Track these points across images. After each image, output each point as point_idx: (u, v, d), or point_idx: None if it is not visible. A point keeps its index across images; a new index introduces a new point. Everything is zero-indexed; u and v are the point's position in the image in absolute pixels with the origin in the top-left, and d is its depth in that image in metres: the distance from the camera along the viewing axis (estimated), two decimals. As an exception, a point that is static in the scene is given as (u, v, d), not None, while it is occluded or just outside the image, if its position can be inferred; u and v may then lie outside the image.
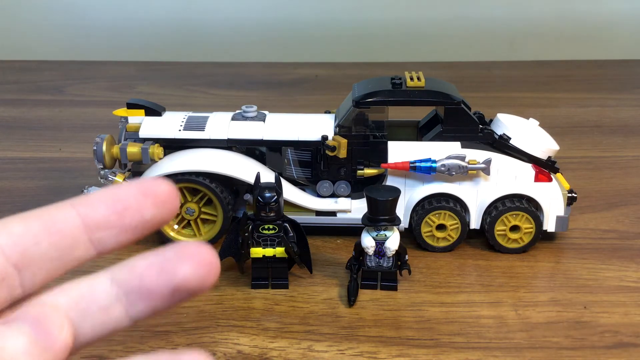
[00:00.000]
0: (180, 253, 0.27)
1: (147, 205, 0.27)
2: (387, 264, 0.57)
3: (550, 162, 0.64)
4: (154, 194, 0.27)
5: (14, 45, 1.35)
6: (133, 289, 0.27)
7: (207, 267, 0.27)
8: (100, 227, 0.27)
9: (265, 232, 0.56)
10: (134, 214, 0.27)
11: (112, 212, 0.27)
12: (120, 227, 0.27)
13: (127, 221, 0.27)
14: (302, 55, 1.30)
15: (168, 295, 0.27)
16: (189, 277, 0.26)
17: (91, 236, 0.27)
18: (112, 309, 0.27)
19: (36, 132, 0.94)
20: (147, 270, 0.27)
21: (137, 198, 0.27)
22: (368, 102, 0.63)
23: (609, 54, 1.31)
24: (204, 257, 0.27)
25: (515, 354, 0.50)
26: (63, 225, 0.26)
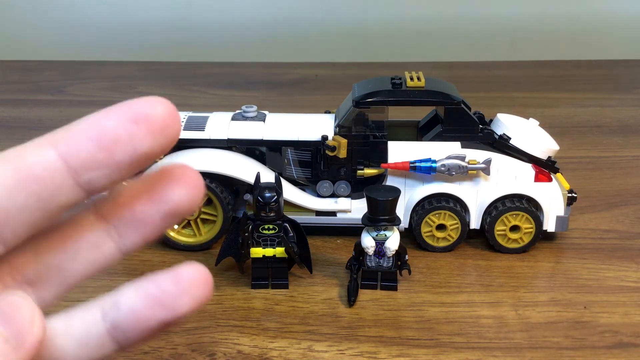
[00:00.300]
0: (168, 175, 0.25)
1: (141, 135, 0.23)
2: (387, 264, 0.57)
3: (550, 162, 0.64)
4: (147, 120, 0.23)
5: (14, 45, 1.35)
6: (123, 219, 0.25)
7: (197, 188, 0.25)
8: (87, 168, 0.23)
9: (265, 232, 0.56)
10: (125, 147, 0.23)
11: (100, 149, 0.23)
12: (110, 165, 0.23)
13: (118, 157, 0.23)
14: (302, 55, 1.30)
15: (160, 221, 0.25)
16: (182, 201, 0.25)
17: (77, 179, 0.23)
18: (102, 244, 0.25)
19: (36, 132, 0.93)
20: (136, 198, 0.25)
21: (127, 127, 0.23)
22: (368, 102, 0.63)
23: (609, 54, 1.31)
24: (191, 176, 0.25)
25: (515, 354, 0.50)
26: (41, 170, 0.22)
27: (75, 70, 1.24)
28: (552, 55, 1.31)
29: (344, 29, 1.34)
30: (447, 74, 1.15)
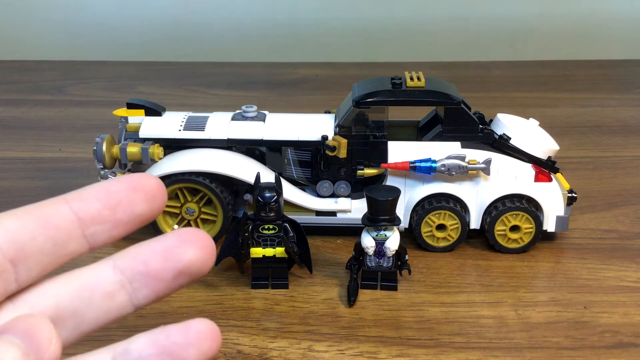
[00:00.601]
0: (183, 239, 0.28)
1: (138, 200, 0.27)
2: (387, 264, 0.57)
3: (550, 162, 0.64)
4: (144, 189, 0.28)
5: (14, 45, 1.35)
6: (137, 275, 0.27)
7: (208, 251, 0.28)
8: (93, 222, 0.27)
9: (265, 232, 0.56)
10: (125, 208, 0.27)
11: (105, 207, 0.27)
12: (112, 221, 0.27)
13: (119, 216, 0.27)
14: (302, 55, 1.30)
15: (171, 280, 0.28)
16: (193, 261, 0.27)
17: (85, 231, 0.27)
18: (116, 295, 0.27)
19: (36, 132, 0.94)
20: (152, 256, 0.27)
21: (128, 193, 0.27)
22: (368, 102, 0.63)
23: (609, 54, 1.31)
24: (204, 242, 0.28)
25: (515, 354, 0.50)
26: (57, 220, 0.27)
27: (75, 70, 1.24)
28: (552, 55, 1.31)
29: (344, 29, 1.34)
30: (447, 74, 1.15)
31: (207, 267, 0.28)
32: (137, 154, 0.64)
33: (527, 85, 1.15)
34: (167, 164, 0.63)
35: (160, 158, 0.64)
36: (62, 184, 0.77)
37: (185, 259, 0.27)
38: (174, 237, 0.28)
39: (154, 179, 0.28)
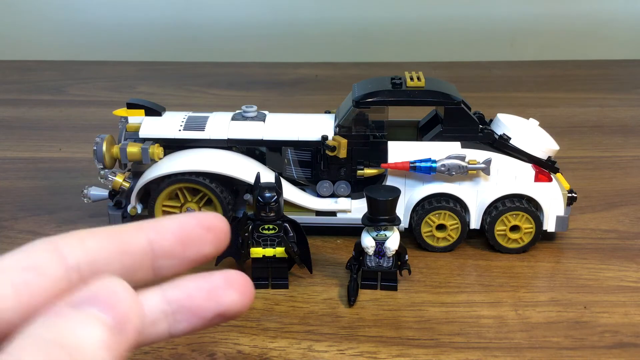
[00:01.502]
0: (227, 281, 0.28)
1: (208, 240, 0.28)
2: (387, 264, 0.57)
3: (550, 162, 0.64)
4: (215, 231, 0.28)
5: (14, 45, 1.35)
6: (182, 308, 0.28)
7: (248, 296, 0.29)
8: (164, 256, 0.28)
9: (265, 232, 0.56)
10: (195, 247, 0.28)
11: (178, 243, 0.28)
12: (181, 258, 0.28)
13: (188, 254, 0.28)
14: (302, 55, 1.30)
15: (210, 318, 0.28)
16: (233, 304, 0.28)
17: (154, 262, 0.27)
18: (159, 323, 0.28)
19: (36, 132, 0.94)
20: (197, 292, 0.28)
21: (200, 232, 0.28)
22: (368, 102, 0.63)
23: (609, 54, 1.31)
24: (246, 286, 0.29)
25: (515, 354, 0.50)
26: (134, 248, 0.27)
27: (75, 70, 1.24)
28: (552, 55, 1.31)
29: (344, 29, 1.34)
30: (447, 74, 1.15)
31: (244, 310, 0.29)
32: (137, 154, 0.64)
33: (527, 85, 1.15)
34: (167, 164, 0.63)
35: (160, 158, 0.64)
36: (62, 184, 0.77)
37: (226, 302, 0.28)
38: (221, 278, 0.28)
39: (224, 222, 0.29)
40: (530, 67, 1.25)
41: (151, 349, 0.50)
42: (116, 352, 0.23)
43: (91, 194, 0.66)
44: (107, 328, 0.23)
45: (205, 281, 0.28)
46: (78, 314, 0.23)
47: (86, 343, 0.22)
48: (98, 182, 0.66)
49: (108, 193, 0.66)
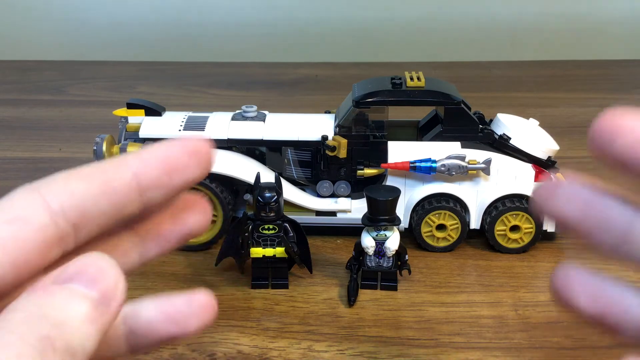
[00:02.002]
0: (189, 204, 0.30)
1: (192, 165, 0.28)
2: (387, 264, 0.57)
3: (550, 162, 0.64)
4: (199, 154, 0.28)
5: (14, 45, 1.35)
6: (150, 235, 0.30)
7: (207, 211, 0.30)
8: (152, 188, 0.27)
9: (265, 232, 0.56)
10: (181, 174, 0.28)
11: (164, 173, 0.27)
12: (168, 186, 0.28)
13: (174, 182, 0.28)
14: (302, 55, 1.30)
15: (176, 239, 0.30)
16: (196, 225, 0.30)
17: (142, 195, 0.27)
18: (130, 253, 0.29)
19: (36, 132, 0.94)
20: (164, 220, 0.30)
21: (184, 158, 0.28)
22: (368, 102, 0.63)
23: (609, 54, 1.31)
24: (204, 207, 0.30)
25: (515, 354, 0.50)
26: (120, 184, 0.27)
27: (75, 70, 1.24)
28: (552, 55, 1.31)
29: (344, 29, 1.34)
30: (447, 74, 1.15)
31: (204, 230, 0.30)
32: (137, 154, 0.63)
33: (527, 85, 1.15)
34: (167, 164, 0.63)
35: (160, 158, 0.64)
36: (62, 184, 0.77)
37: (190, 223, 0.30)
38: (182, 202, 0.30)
39: (207, 144, 0.29)
40: (530, 67, 1.25)
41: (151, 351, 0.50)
42: (101, 326, 0.24)
43: (91, 194, 0.66)
44: (91, 303, 0.23)
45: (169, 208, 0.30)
46: (62, 290, 0.23)
47: (70, 317, 0.23)
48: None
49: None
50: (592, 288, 0.31)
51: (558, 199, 0.30)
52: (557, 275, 0.31)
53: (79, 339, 0.23)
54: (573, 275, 0.31)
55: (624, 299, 0.31)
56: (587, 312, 0.31)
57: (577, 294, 0.31)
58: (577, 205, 0.30)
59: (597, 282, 0.31)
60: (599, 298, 0.31)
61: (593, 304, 0.31)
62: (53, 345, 0.22)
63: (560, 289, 0.31)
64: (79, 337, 0.23)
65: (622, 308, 0.31)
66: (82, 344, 0.23)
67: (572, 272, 0.31)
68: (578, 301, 0.31)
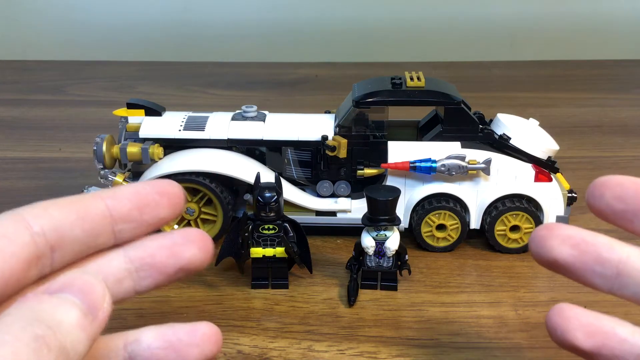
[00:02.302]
0: (186, 237, 0.31)
1: (163, 204, 0.30)
2: (387, 264, 0.57)
3: (550, 162, 0.64)
4: (168, 195, 0.30)
5: (14, 45, 1.35)
6: (145, 265, 0.30)
7: (207, 251, 0.31)
8: (123, 220, 0.30)
9: (265, 232, 0.56)
10: (151, 211, 0.30)
11: (135, 207, 0.30)
12: (139, 221, 0.30)
13: (145, 217, 0.30)
14: (302, 55, 1.30)
15: (173, 274, 0.31)
16: (193, 259, 0.31)
17: (114, 227, 0.29)
18: (123, 281, 0.30)
19: (36, 132, 0.94)
20: (159, 250, 0.31)
21: (155, 197, 0.30)
22: (368, 102, 0.63)
23: (609, 54, 1.31)
24: (205, 242, 0.31)
25: (515, 354, 0.50)
26: (94, 214, 0.29)
27: (75, 70, 1.24)
28: (552, 55, 1.31)
29: (344, 29, 1.34)
30: (447, 74, 1.15)
31: (204, 265, 0.31)
32: (137, 154, 0.64)
33: (527, 85, 1.15)
34: (167, 164, 0.63)
35: (160, 158, 0.64)
36: (62, 184, 0.77)
37: (187, 257, 0.30)
38: (180, 235, 0.31)
39: (177, 187, 0.31)
40: (530, 67, 1.25)
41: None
42: (90, 334, 0.25)
43: (91, 194, 0.66)
44: (80, 311, 0.25)
45: (166, 239, 0.31)
46: (54, 298, 0.25)
47: (64, 322, 0.24)
48: (98, 182, 0.66)
49: (108, 193, 0.66)
50: (587, 323, 0.32)
51: (552, 242, 0.32)
52: (553, 313, 0.33)
53: (71, 341, 0.24)
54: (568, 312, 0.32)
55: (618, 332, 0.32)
56: (584, 347, 0.32)
57: (573, 329, 0.32)
58: (570, 247, 0.32)
59: (591, 317, 0.32)
60: (595, 332, 0.32)
61: (589, 338, 0.32)
62: (47, 344, 0.23)
63: (556, 326, 0.33)
64: (71, 340, 0.24)
65: (618, 339, 0.32)
66: (75, 347, 0.24)
67: (567, 308, 0.32)
68: (575, 337, 0.32)
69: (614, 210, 0.33)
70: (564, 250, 0.32)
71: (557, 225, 0.33)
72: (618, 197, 0.32)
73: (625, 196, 0.32)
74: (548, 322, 0.33)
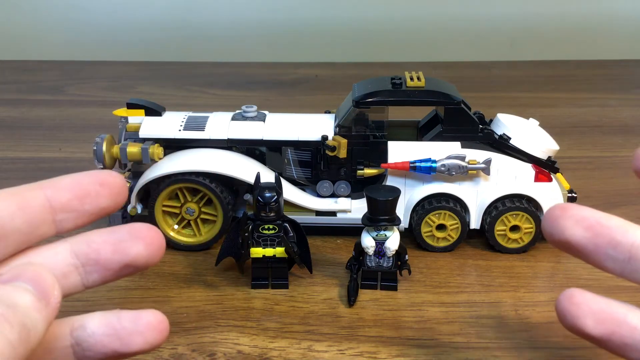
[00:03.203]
0: (133, 233, 0.30)
1: (104, 194, 0.30)
2: (387, 264, 0.57)
3: (550, 162, 0.64)
4: (109, 185, 0.30)
5: (14, 45, 1.35)
6: (90, 261, 0.30)
7: (156, 248, 0.31)
8: (63, 210, 0.30)
9: (265, 232, 0.56)
10: (92, 201, 0.30)
11: (74, 197, 0.30)
12: (80, 211, 0.30)
13: (86, 207, 0.30)
14: (302, 55, 1.30)
15: (119, 270, 0.30)
16: (139, 256, 0.30)
17: (54, 217, 0.30)
18: (70, 275, 0.30)
19: (36, 132, 0.94)
20: (103, 246, 0.30)
21: (96, 187, 0.30)
22: (368, 102, 0.63)
23: (609, 54, 1.31)
24: (153, 238, 0.31)
25: (515, 354, 0.50)
26: (34, 204, 0.29)
27: (75, 70, 1.24)
28: (552, 55, 1.31)
29: (344, 29, 1.34)
30: (447, 74, 1.15)
31: (153, 262, 0.31)
32: (137, 154, 0.64)
33: (527, 85, 1.15)
34: (167, 164, 0.63)
35: (160, 158, 0.64)
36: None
37: (132, 253, 0.30)
38: (125, 231, 0.31)
39: (119, 177, 0.31)
40: (530, 67, 1.26)
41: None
42: (45, 316, 0.26)
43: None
44: (33, 296, 0.26)
45: (111, 234, 0.31)
46: (7, 284, 0.26)
47: (20, 304, 0.25)
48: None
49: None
50: (598, 309, 0.32)
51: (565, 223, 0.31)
52: (563, 298, 0.32)
53: (30, 320, 0.25)
54: (578, 298, 0.31)
55: (630, 319, 0.31)
56: (594, 334, 0.32)
57: (583, 316, 0.32)
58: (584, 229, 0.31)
59: (602, 304, 0.31)
60: (606, 319, 0.32)
61: (600, 325, 0.32)
62: (9, 321, 0.24)
63: (566, 311, 0.32)
64: (30, 319, 0.25)
65: (629, 327, 0.31)
66: (34, 325, 0.25)
67: (578, 294, 0.32)
68: (584, 323, 0.32)
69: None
70: (577, 232, 0.32)
71: (572, 205, 0.32)
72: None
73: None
74: (558, 308, 0.32)
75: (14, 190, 0.29)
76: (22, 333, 0.24)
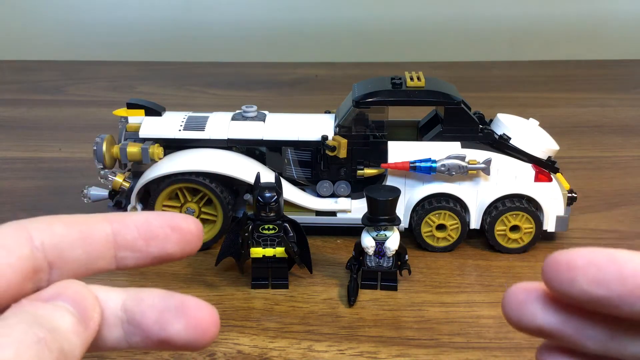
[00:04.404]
0: (181, 307, 0.27)
1: (172, 239, 0.29)
2: (387, 264, 0.57)
3: (550, 162, 0.64)
4: (181, 231, 0.29)
5: (14, 45, 1.35)
6: (133, 322, 0.28)
7: (200, 330, 0.27)
8: (126, 248, 0.28)
9: (265, 232, 0.56)
10: (158, 244, 0.29)
11: (141, 237, 0.28)
12: (143, 252, 0.29)
13: (151, 249, 0.29)
14: (302, 55, 1.30)
15: (155, 342, 0.27)
16: (177, 336, 0.27)
17: (117, 253, 0.28)
18: (113, 328, 0.28)
19: (36, 132, 0.94)
20: (149, 311, 0.27)
21: (165, 231, 0.28)
22: (368, 102, 0.63)
23: (609, 54, 1.31)
24: (202, 319, 0.27)
25: (515, 354, 0.50)
26: (98, 237, 0.28)
27: (75, 70, 1.24)
28: (552, 55, 1.31)
29: (344, 29, 1.34)
30: (447, 74, 1.15)
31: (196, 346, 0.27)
32: (137, 154, 0.64)
33: (527, 85, 1.15)
34: (167, 164, 0.63)
35: (160, 158, 0.64)
36: (62, 184, 0.77)
37: (170, 331, 0.27)
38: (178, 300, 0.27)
39: (194, 225, 0.29)
40: (530, 67, 1.26)
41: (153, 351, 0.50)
42: (84, 340, 0.25)
43: (91, 194, 0.66)
44: (75, 318, 0.25)
45: (162, 300, 0.28)
46: (50, 304, 0.25)
47: (61, 327, 0.24)
48: (98, 182, 0.66)
49: (108, 193, 0.66)
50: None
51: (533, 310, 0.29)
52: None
53: (69, 345, 0.24)
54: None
55: None
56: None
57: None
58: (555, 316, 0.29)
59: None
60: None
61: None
62: (49, 346, 0.23)
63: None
64: (69, 344, 0.24)
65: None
66: (72, 350, 0.24)
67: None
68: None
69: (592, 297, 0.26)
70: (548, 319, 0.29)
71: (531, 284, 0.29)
72: (597, 282, 0.25)
73: (605, 280, 0.25)
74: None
75: (80, 218, 0.28)
76: (59, 358, 0.23)
